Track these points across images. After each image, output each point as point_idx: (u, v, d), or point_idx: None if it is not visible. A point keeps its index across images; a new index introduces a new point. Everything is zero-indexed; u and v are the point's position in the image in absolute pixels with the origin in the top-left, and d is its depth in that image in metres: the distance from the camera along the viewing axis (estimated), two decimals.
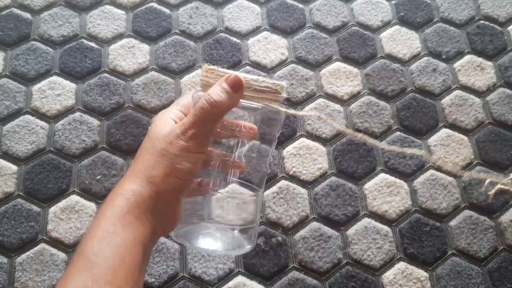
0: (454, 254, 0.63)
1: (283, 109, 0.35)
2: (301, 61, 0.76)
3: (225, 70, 0.33)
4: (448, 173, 0.68)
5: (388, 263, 0.63)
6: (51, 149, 0.68)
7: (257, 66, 0.75)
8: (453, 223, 0.65)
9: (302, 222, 0.65)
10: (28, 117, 0.70)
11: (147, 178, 0.32)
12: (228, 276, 0.61)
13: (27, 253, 0.62)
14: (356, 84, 0.74)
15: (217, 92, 0.32)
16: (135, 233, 0.31)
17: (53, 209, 0.65)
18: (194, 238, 0.35)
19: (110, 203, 0.31)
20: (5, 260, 0.62)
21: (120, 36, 0.77)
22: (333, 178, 0.67)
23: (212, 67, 0.33)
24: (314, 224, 0.65)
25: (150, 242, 0.32)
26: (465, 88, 0.75)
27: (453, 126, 0.72)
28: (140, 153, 0.33)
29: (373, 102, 0.73)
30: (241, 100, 0.33)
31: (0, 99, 0.71)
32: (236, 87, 0.32)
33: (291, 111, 0.36)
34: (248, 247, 0.35)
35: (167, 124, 0.34)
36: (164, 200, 0.32)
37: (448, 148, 0.70)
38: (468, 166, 0.69)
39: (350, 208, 0.66)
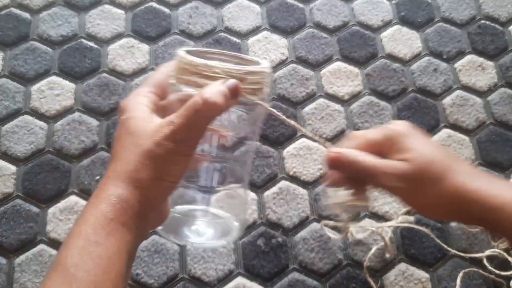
0: (455, 255, 0.63)
1: (269, 108, 0.33)
2: (301, 61, 0.76)
3: (202, 61, 0.30)
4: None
5: (389, 264, 0.62)
6: (50, 149, 0.68)
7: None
8: (454, 224, 0.65)
9: (303, 223, 0.64)
10: (27, 117, 0.70)
11: (134, 183, 0.29)
12: (228, 277, 0.61)
13: (26, 254, 0.62)
14: (357, 84, 0.74)
15: (216, 93, 0.29)
16: (119, 242, 0.28)
17: (52, 209, 0.64)
18: (181, 229, 0.34)
19: (93, 208, 0.29)
20: (4, 261, 0.61)
21: (119, 36, 0.77)
22: None
23: (191, 59, 0.31)
24: (315, 225, 0.64)
25: (135, 247, 0.30)
26: (466, 88, 0.75)
27: (454, 127, 0.72)
28: (121, 151, 0.30)
29: (373, 102, 0.73)
30: None
31: None
32: (234, 92, 0.30)
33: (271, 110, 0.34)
34: (235, 234, 0.34)
35: (145, 114, 0.31)
36: (152, 204, 0.30)
37: (449, 148, 0.70)
38: None
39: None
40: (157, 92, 0.33)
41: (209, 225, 0.34)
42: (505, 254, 0.61)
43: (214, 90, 0.29)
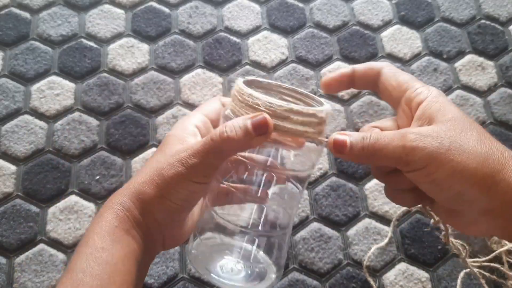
0: (454, 255, 0.63)
1: (324, 143, 0.30)
2: (301, 60, 0.76)
3: (248, 90, 0.27)
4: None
5: (389, 264, 0.62)
6: (50, 149, 0.68)
7: (257, 65, 0.75)
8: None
9: (303, 223, 0.64)
10: (27, 117, 0.70)
11: (138, 194, 0.29)
12: None
13: (26, 253, 0.62)
14: None
15: (235, 127, 0.27)
16: (125, 249, 0.28)
17: (52, 209, 0.64)
18: (209, 261, 0.31)
19: (100, 217, 0.29)
20: (3, 260, 0.61)
21: (119, 36, 0.77)
22: (334, 179, 0.67)
23: (240, 87, 0.28)
24: (315, 225, 0.64)
25: (145, 257, 0.30)
26: (466, 88, 0.75)
27: None
28: (146, 165, 0.31)
29: (374, 101, 0.73)
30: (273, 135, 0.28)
31: None
32: (261, 130, 0.27)
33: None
34: (271, 282, 0.30)
35: (184, 134, 0.31)
36: (154, 219, 0.30)
37: None
38: None
39: (350, 209, 0.65)
40: (211, 116, 0.33)
41: (243, 265, 0.31)
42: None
43: (236, 123, 0.27)
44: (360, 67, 0.32)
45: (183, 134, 0.31)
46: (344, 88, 0.32)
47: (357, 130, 0.70)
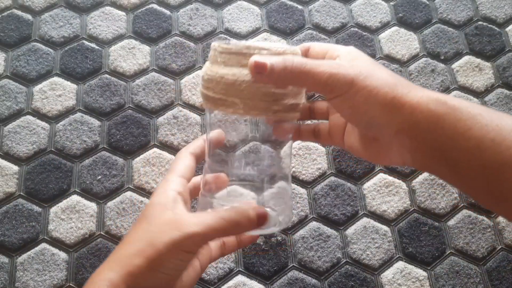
0: (452, 254, 0.64)
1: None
2: None
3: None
4: None
5: (387, 263, 0.63)
6: (52, 149, 0.69)
7: None
8: (451, 222, 0.66)
9: (302, 222, 0.65)
10: (29, 117, 0.71)
11: (127, 267, 0.28)
12: (228, 275, 0.62)
13: (28, 253, 0.62)
14: None
15: (243, 217, 0.30)
16: None
17: (54, 209, 0.65)
18: None
19: None
20: (6, 260, 0.62)
21: (120, 37, 0.77)
22: (332, 178, 0.68)
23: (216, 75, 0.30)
24: (314, 224, 0.65)
25: None
26: (463, 88, 0.75)
27: None
28: (130, 234, 0.30)
29: None
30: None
31: (1, 99, 0.72)
32: (262, 222, 0.31)
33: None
34: (279, 226, 0.33)
35: (166, 201, 0.31)
36: None
37: None
38: None
39: (349, 208, 0.66)
40: (187, 175, 0.34)
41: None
42: None
43: (244, 214, 0.30)
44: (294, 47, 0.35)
45: (167, 201, 0.31)
46: None
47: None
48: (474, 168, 0.26)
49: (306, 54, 0.33)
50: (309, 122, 0.38)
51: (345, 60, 0.30)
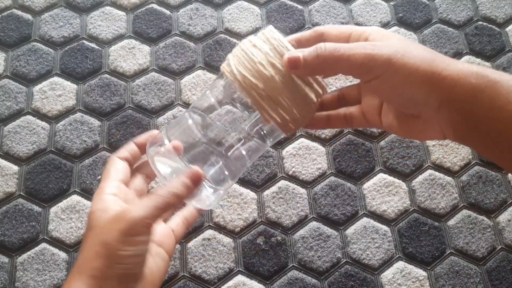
0: (452, 254, 0.64)
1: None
2: None
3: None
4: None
5: (387, 263, 0.63)
6: (52, 149, 0.69)
7: None
8: (451, 222, 0.66)
9: (302, 222, 0.65)
10: (29, 117, 0.71)
11: (90, 272, 0.29)
12: (228, 275, 0.62)
13: (28, 252, 0.62)
14: None
15: (179, 187, 0.31)
16: None
17: (54, 209, 0.65)
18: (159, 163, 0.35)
19: None
20: (6, 260, 0.62)
21: (120, 37, 0.77)
22: (332, 178, 0.68)
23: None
24: (314, 224, 0.65)
25: None
26: None
27: None
28: (84, 245, 0.31)
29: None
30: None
31: (1, 99, 0.72)
32: (197, 182, 0.32)
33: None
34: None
35: (104, 205, 0.32)
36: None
37: (447, 148, 0.71)
38: (466, 166, 0.70)
39: (349, 208, 0.66)
40: (124, 178, 0.35)
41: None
42: None
43: (176, 183, 0.32)
44: (305, 32, 0.34)
45: (105, 205, 0.32)
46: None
47: (357, 131, 0.71)
48: None
49: (319, 40, 0.32)
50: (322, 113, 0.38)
51: (378, 40, 0.30)
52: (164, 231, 0.37)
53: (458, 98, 0.28)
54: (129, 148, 0.38)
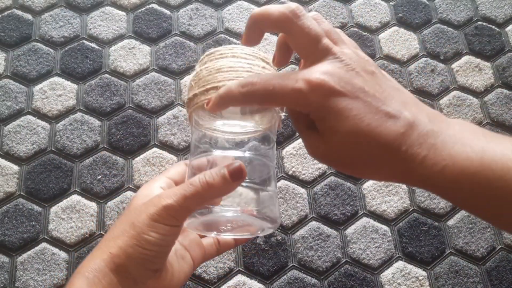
0: (452, 253, 0.64)
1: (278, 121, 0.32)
2: (299, 61, 0.76)
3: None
4: None
5: (387, 262, 0.63)
6: (52, 149, 0.69)
7: None
8: (451, 222, 0.66)
9: (302, 222, 0.65)
10: (29, 117, 0.71)
11: (109, 249, 0.29)
12: (228, 275, 0.62)
13: (29, 252, 0.62)
14: None
15: (213, 175, 0.28)
16: None
17: (54, 208, 0.65)
18: (208, 228, 0.33)
19: (70, 285, 0.28)
20: (6, 259, 0.62)
21: (120, 37, 0.77)
22: (332, 178, 0.68)
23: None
24: (314, 224, 0.65)
25: None
26: (463, 88, 0.75)
27: None
28: (115, 223, 0.30)
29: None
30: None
31: (1, 99, 0.72)
32: (237, 176, 0.28)
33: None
34: (270, 226, 0.32)
35: (148, 192, 0.31)
36: (128, 275, 0.29)
37: None
38: None
39: (349, 208, 0.66)
40: (176, 178, 0.34)
41: (237, 220, 0.33)
42: None
43: (213, 172, 0.28)
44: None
45: (148, 193, 0.32)
46: (259, 37, 0.31)
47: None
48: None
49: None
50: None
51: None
52: (196, 240, 0.36)
53: (431, 186, 0.24)
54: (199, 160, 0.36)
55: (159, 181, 0.33)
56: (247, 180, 0.32)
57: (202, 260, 0.36)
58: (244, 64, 0.29)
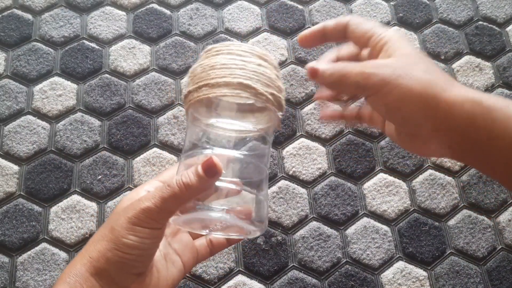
0: (452, 254, 0.64)
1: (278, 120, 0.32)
2: (300, 61, 0.76)
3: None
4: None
5: (387, 262, 0.63)
6: (52, 149, 0.69)
7: None
8: (451, 222, 0.66)
9: (302, 222, 0.65)
10: (30, 117, 0.71)
11: (89, 254, 0.29)
12: (228, 275, 0.62)
13: (29, 252, 0.62)
14: None
15: (189, 174, 0.28)
16: None
17: (54, 208, 0.65)
18: (197, 226, 0.33)
19: None
20: (6, 259, 0.62)
21: (121, 37, 0.77)
22: (333, 178, 0.68)
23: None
24: (314, 224, 0.65)
25: None
26: None
27: None
28: (100, 228, 0.31)
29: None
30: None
31: (1, 99, 0.72)
32: (212, 172, 0.28)
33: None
34: (256, 229, 0.32)
35: (132, 195, 0.31)
36: (110, 279, 0.29)
37: None
38: (467, 166, 0.70)
39: (349, 208, 0.66)
40: (166, 181, 0.33)
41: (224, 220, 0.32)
42: None
43: (188, 172, 0.29)
44: (329, 22, 0.35)
45: (133, 196, 0.32)
46: (318, 43, 0.35)
47: (357, 130, 0.71)
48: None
49: (344, 29, 0.34)
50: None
51: (392, 51, 0.31)
52: (188, 243, 0.35)
53: (453, 124, 0.28)
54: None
55: (148, 185, 0.33)
56: (238, 181, 0.32)
57: (194, 263, 0.35)
58: (237, 61, 0.30)
